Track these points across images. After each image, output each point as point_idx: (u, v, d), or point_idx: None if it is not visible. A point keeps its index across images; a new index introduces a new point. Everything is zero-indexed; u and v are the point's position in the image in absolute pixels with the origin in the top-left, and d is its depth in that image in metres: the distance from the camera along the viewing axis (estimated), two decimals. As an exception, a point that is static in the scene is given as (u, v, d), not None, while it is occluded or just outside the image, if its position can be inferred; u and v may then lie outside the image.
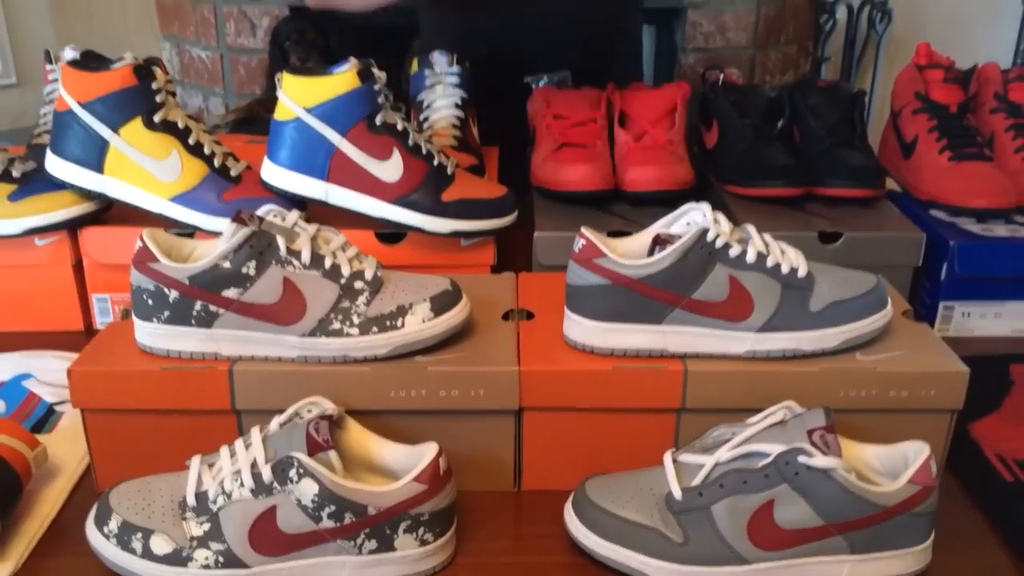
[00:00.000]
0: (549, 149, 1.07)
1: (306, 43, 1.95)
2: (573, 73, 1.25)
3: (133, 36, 2.36)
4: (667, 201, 0.99)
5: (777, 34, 2.33)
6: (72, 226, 0.91)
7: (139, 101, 0.88)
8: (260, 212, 0.71)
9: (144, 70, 0.89)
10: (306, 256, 0.69)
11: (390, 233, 0.93)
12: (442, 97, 1.14)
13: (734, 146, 1.09)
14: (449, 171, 0.92)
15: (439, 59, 1.16)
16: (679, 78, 2.22)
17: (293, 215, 0.72)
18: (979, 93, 1.10)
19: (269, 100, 2.05)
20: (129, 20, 2.34)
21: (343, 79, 0.88)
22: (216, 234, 0.88)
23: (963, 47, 2.22)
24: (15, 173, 0.91)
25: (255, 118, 2.00)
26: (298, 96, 0.89)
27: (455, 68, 1.16)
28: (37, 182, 0.91)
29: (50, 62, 1.12)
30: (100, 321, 0.97)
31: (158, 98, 0.89)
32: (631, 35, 1.52)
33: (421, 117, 1.14)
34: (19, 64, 2.17)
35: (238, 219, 0.68)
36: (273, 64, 2.03)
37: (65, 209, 0.90)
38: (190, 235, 0.89)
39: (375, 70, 0.91)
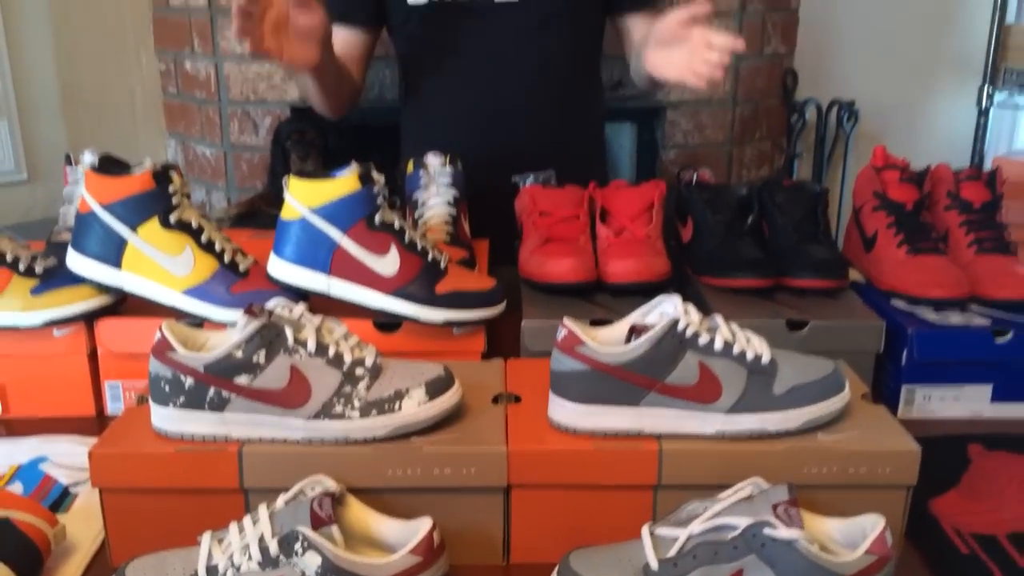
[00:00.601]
0: (536, 243, 1.15)
1: (306, 143, 2.05)
2: (557, 172, 1.34)
3: (140, 133, 2.46)
4: (645, 291, 1.06)
5: (752, 132, 2.46)
6: (89, 318, 0.98)
7: (156, 203, 0.96)
8: (269, 305, 0.78)
9: (162, 175, 0.97)
10: (312, 345, 0.75)
11: (387, 323, 0.99)
12: (436, 196, 1.23)
13: (708, 240, 1.17)
14: (442, 265, 0.99)
15: (433, 160, 1.25)
16: (660, 173, 2.34)
17: (300, 307, 0.79)
18: (933, 192, 1.19)
19: (269, 195, 2.16)
20: (137, 119, 2.45)
21: (345, 182, 0.96)
22: (225, 325, 0.95)
23: (925, 142, 2.35)
24: (38, 269, 0.98)
25: (256, 212, 2.09)
26: (303, 197, 0.96)
27: (448, 168, 1.24)
28: (58, 277, 0.98)
29: (70, 164, 1.20)
30: (112, 407, 1.02)
31: (174, 200, 0.97)
32: (600, 139, 1.65)
33: (416, 214, 1.22)
34: (30, 161, 2.27)
35: (250, 312, 0.75)
36: (274, 161, 2.13)
37: (84, 302, 0.97)
38: (199, 325, 0.96)
39: (374, 173, 0.99)
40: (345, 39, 1.46)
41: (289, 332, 0.74)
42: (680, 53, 1.21)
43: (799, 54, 2.55)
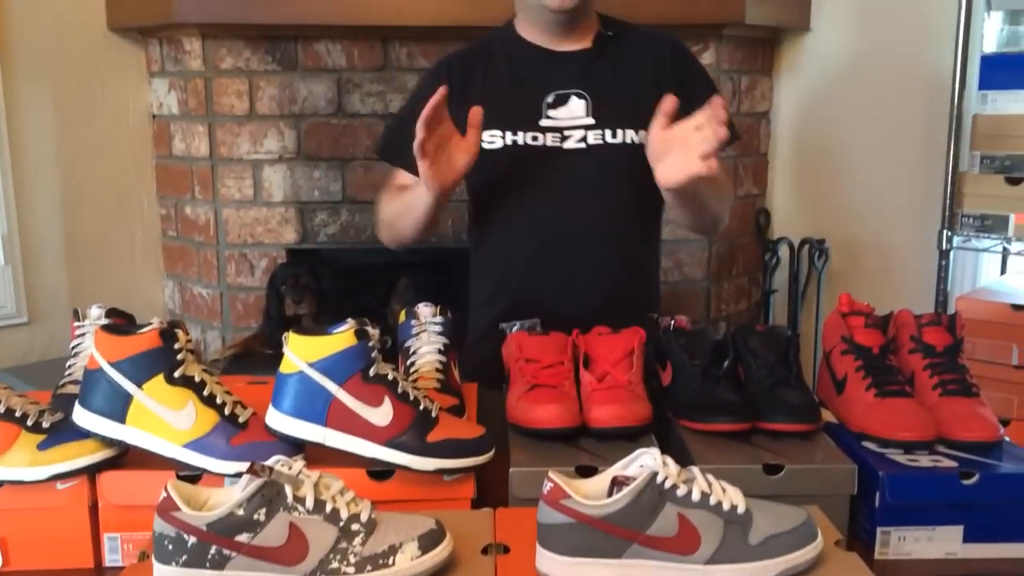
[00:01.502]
0: (522, 390, 1.20)
1: (300, 287, 2.13)
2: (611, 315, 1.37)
3: (139, 275, 2.54)
4: (628, 436, 1.11)
5: (728, 268, 2.56)
6: (92, 471, 1.01)
7: (162, 360, 1.01)
8: (270, 462, 0.82)
9: (168, 333, 1.02)
10: (310, 502, 0.79)
11: (380, 471, 1.03)
12: (426, 344, 1.28)
13: (686, 385, 1.22)
14: (433, 414, 1.04)
15: (424, 310, 1.32)
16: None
17: (298, 464, 0.83)
18: (897, 336, 1.25)
19: (264, 335, 2.22)
20: (137, 261, 2.54)
21: (342, 338, 1.01)
22: (223, 476, 0.99)
23: (894, 279, 2.45)
24: (45, 424, 1.02)
25: (251, 352, 2.15)
26: (301, 352, 1.02)
27: (439, 318, 1.31)
28: (64, 431, 1.01)
29: (78, 319, 1.26)
30: (109, 558, 1.04)
31: (179, 356, 1.02)
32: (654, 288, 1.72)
33: (408, 362, 1.28)
34: (31, 304, 2.33)
35: (252, 471, 0.79)
36: (269, 304, 2.20)
37: (88, 456, 1.00)
38: (197, 476, 1.00)
39: (369, 329, 1.05)
40: None
41: (288, 489, 0.78)
42: (675, 155, 1.31)
43: (771, 194, 2.70)
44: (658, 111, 1.33)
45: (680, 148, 1.30)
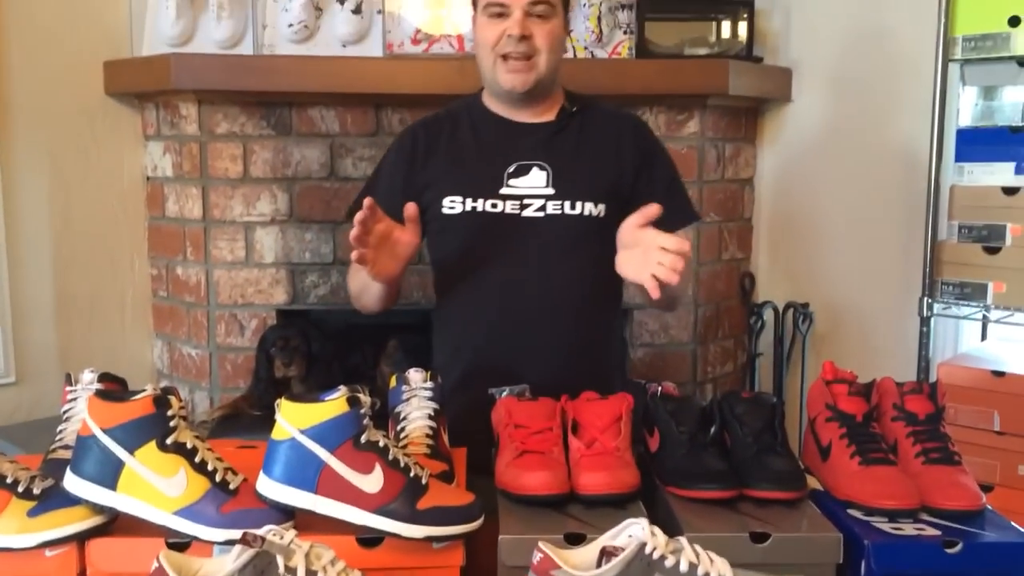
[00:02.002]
0: (511, 456, 1.21)
1: (290, 349, 2.14)
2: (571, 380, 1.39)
3: (128, 335, 2.55)
4: (617, 503, 1.12)
5: (714, 331, 2.59)
6: (81, 538, 1.01)
7: (155, 426, 1.02)
8: (262, 532, 0.83)
9: (162, 399, 1.03)
10: (301, 572, 0.79)
11: (370, 538, 1.03)
12: (417, 409, 1.30)
13: (673, 452, 1.23)
14: (423, 481, 1.05)
15: (415, 376, 1.33)
16: (630, 372, 2.44)
17: (290, 534, 0.83)
18: (880, 403, 1.28)
19: (252, 396, 2.22)
20: (127, 321, 2.54)
21: (334, 405, 1.03)
22: (212, 544, 0.99)
23: (877, 344, 2.48)
24: (36, 491, 1.02)
25: (239, 414, 2.14)
26: (293, 419, 1.03)
27: (429, 383, 1.32)
28: (54, 498, 1.02)
29: (70, 383, 1.27)
30: (94, 628, 1.03)
31: (172, 423, 1.03)
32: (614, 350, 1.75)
33: (398, 427, 1.29)
34: (19, 363, 2.32)
35: (244, 541, 0.79)
36: (258, 365, 2.21)
37: (78, 523, 1.00)
38: (187, 544, 1.00)
39: (361, 396, 1.06)
40: None
41: (280, 560, 0.79)
42: (636, 255, 1.35)
43: (756, 259, 2.74)
44: (641, 211, 1.38)
45: (643, 253, 1.35)
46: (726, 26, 2.57)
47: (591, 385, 1.33)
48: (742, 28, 2.54)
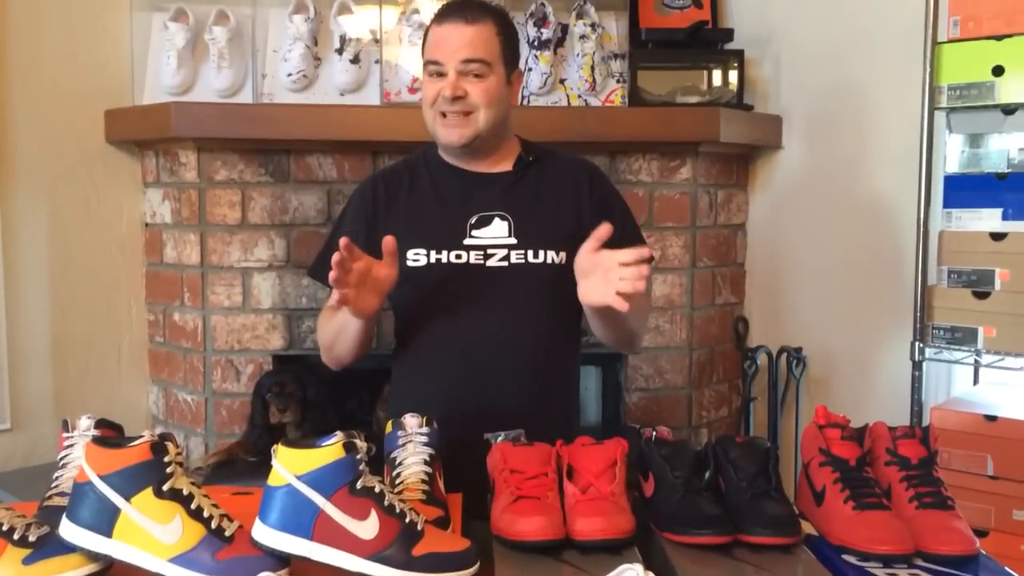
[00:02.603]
0: (506, 501, 1.21)
1: (285, 395, 2.15)
2: (532, 428, 1.42)
3: (124, 380, 2.55)
4: (612, 548, 1.12)
5: (709, 375, 2.60)
6: (76, 586, 1.01)
7: (152, 473, 1.02)
8: (258, 579, 0.83)
9: (159, 446, 1.04)
10: (297, 620, 0.79)
11: (365, 586, 1.03)
12: (412, 455, 1.30)
13: (668, 496, 1.24)
14: (419, 527, 1.05)
15: (410, 421, 1.34)
16: (625, 416, 2.44)
17: (286, 581, 0.84)
18: (873, 448, 1.28)
19: (247, 442, 2.22)
20: (123, 366, 2.55)
21: (330, 451, 1.03)
22: (207, 591, 0.99)
23: (870, 387, 2.50)
24: (31, 538, 1.02)
25: (235, 460, 2.14)
26: (290, 465, 1.03)
27: (424, 428, 1.33)
28: (50, 545, 1.02)
29: (67, 430, 1.27)
30: None
31: (168, 469, 1.03)
32: (574, 397, 1.77)
33: (394, 473, 1.29)
34: (14, 410, 2.32)
35: (241, 587, 0.80)
36: (254, 412, 2.21)
37: (73, 571, 1.00)
38: (181, 591, 1.00)
39: (357, 441, 1.07)
40: None
41: (276, 607, 0.79)
42: (597, 278, 1.37)
43: (749, 303, 2.76)
44: (593, 234, 1.41)
45: (603, 275, 1.38)
46: (717, 75, 2.62)
47: (554, 430, 1.35)
48: (733, 76, 2.59)
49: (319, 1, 2.50)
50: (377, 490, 1.04)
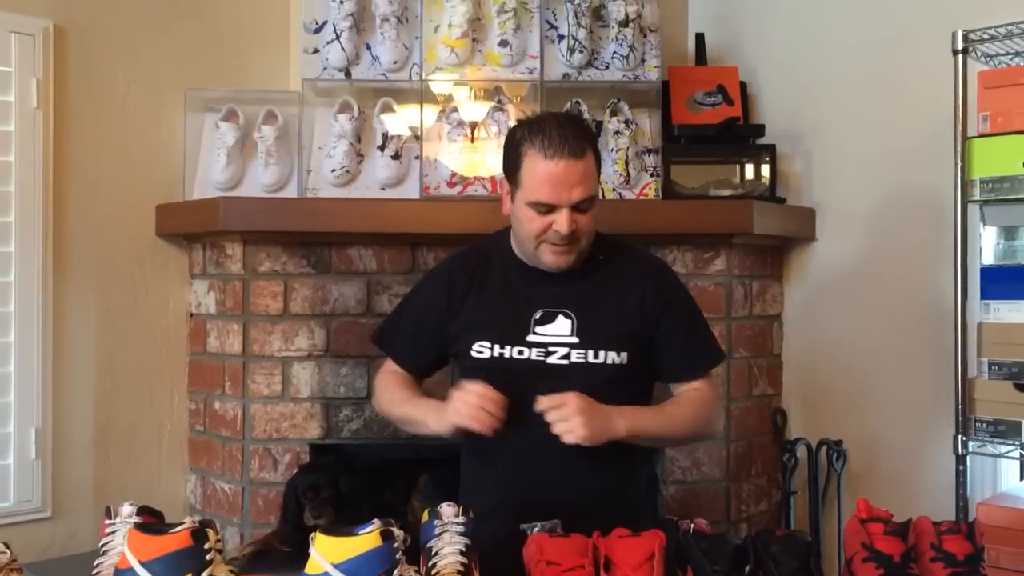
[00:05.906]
0: (544, 595, 1.20)
1: (320, 500, 2.14)
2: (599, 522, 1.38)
3: (163, 468, 2.57)
4: (650, 644, 1.10)
5: (747, 468, 2.56)
6: (114, 674, 1.01)
7: (192, 559, 1.04)
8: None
9: (199, 533, 1.05)
10: None
11: None
12: (448, 544, 1.30)
13: (708, 592, 1.22)
14: (454, 618, 1.05)
15: (447, 510, 1.34)
16: (661, 509, 2.40)
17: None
18: (918, 544, 1.26)
19: (282, 533, 2.21)
20: (163, 455, 2.58)
21: (368, 539, 1.04)
22: None
23: (913, 482, 2.43)
24: (73, 624, 1.03)
25: (270, 550, 2.13)
26: (328, 553, 1.04)
27: (461, 518, 1.33)
28: (90, 631, 1.03)
29: (109, 517, 1.29)
30: None
31: (208, 556, 1.05)
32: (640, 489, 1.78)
33: (430, 563, 1.28)
34: (56, 498, 2.35)
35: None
36: (286, 509, 2.21)
37: (112, 658, 1.01)
38: None
39: (394, 530, 1.08)
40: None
41: None
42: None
43: (786, 395, 2.74)
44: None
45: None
46: (749, 168, 2.66)
47: (618, 525, 1.33)
48: (765, 170, 2.63)
49: (363, 100, 2.60)
50: (413, 580, 1.04)
